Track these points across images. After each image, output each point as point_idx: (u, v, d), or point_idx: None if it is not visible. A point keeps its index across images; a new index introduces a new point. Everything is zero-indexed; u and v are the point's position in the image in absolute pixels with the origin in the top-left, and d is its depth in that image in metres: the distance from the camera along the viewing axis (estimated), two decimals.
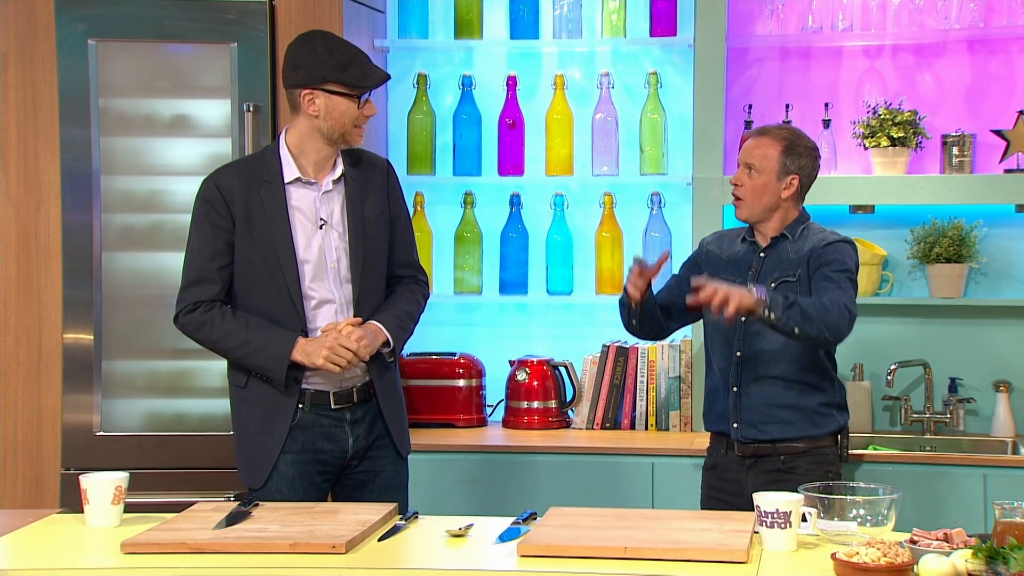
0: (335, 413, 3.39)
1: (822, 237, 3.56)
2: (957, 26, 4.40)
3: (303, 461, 3.38)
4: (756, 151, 3.56)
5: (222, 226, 3.33)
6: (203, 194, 3.37)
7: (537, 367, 4.54)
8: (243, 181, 3.35)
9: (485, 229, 4.69)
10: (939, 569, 2.50)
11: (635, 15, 4.64)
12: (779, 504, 2.76)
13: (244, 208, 3.33)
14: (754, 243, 3.62)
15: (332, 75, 3.29)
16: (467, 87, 4.65)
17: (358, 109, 3.33)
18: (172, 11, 4.06)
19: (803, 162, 3.55)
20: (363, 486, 3.46)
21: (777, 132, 3.60)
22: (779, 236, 3.58)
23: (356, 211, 3.40)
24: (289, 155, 3.37)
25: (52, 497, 4.08)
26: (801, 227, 3.58)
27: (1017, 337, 4.44)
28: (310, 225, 3.36)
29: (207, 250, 3.33)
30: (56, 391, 4.10)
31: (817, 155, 3.61)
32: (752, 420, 3.55)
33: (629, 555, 2.69)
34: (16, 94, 4.10)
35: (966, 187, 4.32)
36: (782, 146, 3.54)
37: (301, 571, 2.70)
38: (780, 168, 3.53)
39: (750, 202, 3.55)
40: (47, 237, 4.11)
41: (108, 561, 2.77)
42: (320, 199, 3.38)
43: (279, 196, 3.34)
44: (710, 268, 3.62)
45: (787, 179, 3.54)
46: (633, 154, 4.61)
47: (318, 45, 3.33)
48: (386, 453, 3.47)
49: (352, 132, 3.36)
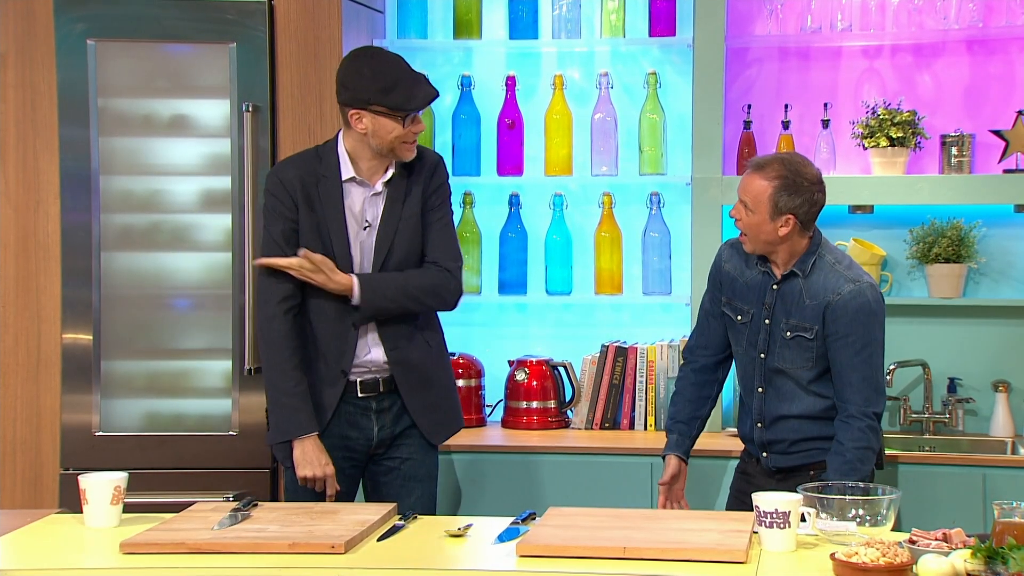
0: (361, 401, 3.51)
1: (835, 283, 3.38)
2: (956, 26, 4.40)
3: (331, 447, 3.48)
4: (750, 187, 3.37)
5: (288, 216, 3.45)
6: (268, 187, 3.51)
7: (536, 367, 4.53)
8: (303, 173, 3.48)
9: (484, 229, 4.69)
10: (938, 569, 2.50)
11: (634, 15, 4.64)
12: (778, 504, 2.76)
13: (305, 200, 3.45)
14: (767, 272, 3.48)
15: (376, 98, 3.38)
16: (466, 87, 4.65)
17: (403, 128, 3.41)
18: (171, 11, 4.06)
19: (798, 201, 3.34)
20: (390, 472, 3.56)
21: (772, 169, 3.36)
22: (790, 272, 3.44)
23: (394, 212, 3.49)
24: (346, 155, 3.48)
25: (51, 497, 4.08)
26: (812, 260, 3.43)
27: (1016, 337, 4.44)
28: (356, 225, 3.48)
29: (279, 240, 3.46)
30: (55, 391, 4.10)
31: (819, 187, 3.39)
32: (781, 451, 3.51)
33: (628, 555, 2.69)
34: (15, 94, 4.10)
35: (965, 187, 4.32)
36: (774, 186, 3.33)
37: (300, 571, 2.70)
38: (772, 209, 3.34)
39: (751, 237, 3.42)
40: (46, 237, 4.11)
41: (107, 561, 2.77)
42: (368, 200, 3.49)
43: (336, 192, 3.46)
44: (729, 291, 3.55)
45: (781, 219, 3.35)
46: (632, 154, 4.61)
47: (364, 67, 3.42)
48: (414, 442, 3.57)
49: (401, 148, 3.45)
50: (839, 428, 3.39)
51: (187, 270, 4.10)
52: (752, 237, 3.42)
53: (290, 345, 3.44)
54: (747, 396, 3.57)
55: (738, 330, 3.54)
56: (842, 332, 3.37)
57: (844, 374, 3.38)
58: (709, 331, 3.63)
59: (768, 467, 3.54)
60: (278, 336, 3.44)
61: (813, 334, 3.41)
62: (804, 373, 3.44)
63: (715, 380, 3.67)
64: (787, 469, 3.51)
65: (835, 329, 3.38)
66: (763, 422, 3.52)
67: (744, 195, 3.40)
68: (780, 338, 3.45)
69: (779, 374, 3.47)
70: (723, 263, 3.59)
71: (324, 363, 3.48)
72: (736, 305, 3.53)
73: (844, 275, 3.41)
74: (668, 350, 4.47)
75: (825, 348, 3.41)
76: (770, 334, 3.47)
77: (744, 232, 3.43)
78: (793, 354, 3.44)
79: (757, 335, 3.49)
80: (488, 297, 4.69)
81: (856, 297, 3.38)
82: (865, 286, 3.40)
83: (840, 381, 3.40)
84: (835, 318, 3.38)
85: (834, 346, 3.39)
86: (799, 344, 3.43)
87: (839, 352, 3.39)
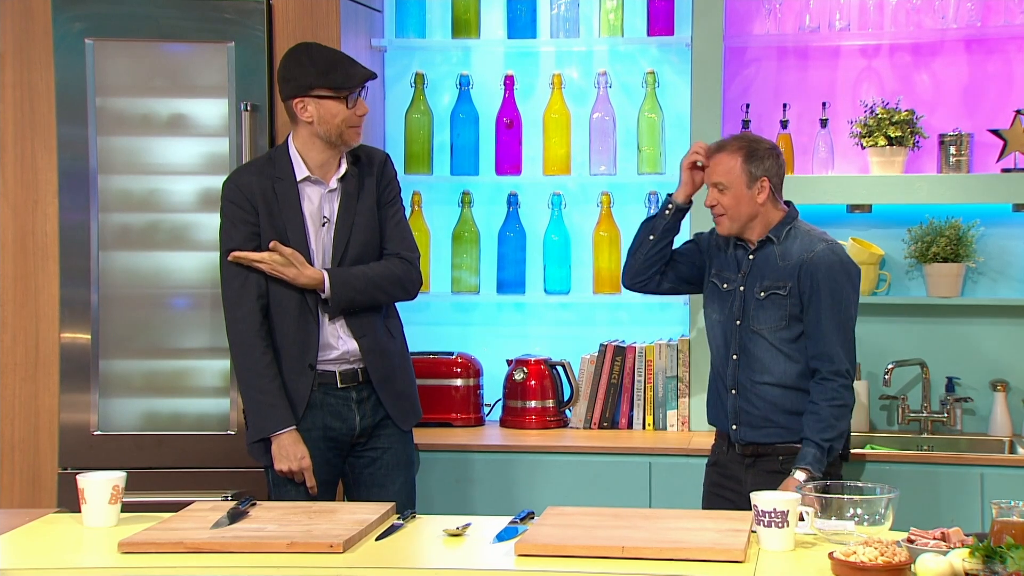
0: (341, 392, 3.57)
1: (809, 243, 3.57)
2: (954, 25, 4.40)
3: (315, 439, 3.55)
4: (719, 169, 3.59)
5: (249, 221, 3.52)
6: (226, 195, 3.56)
7: (535, 366, 4.53)
8: (260, 178, 3.54)
9: (482, 228, 4.69)
10: (936, 568, 2.50)
11: (632, 14, 4.64)
12: (776, 503, 2.76)
13: (264, 204, 3.52)
14: (743, 247, 3.66)
15: (317, 81, 3.48)
16: (464, 86, 4.65)
17: (348, 109, 3.49)
18: (169, 10, 4.06)
19: (767, 163, 3.57)
20: (372, 463, 3.62)
21: (733, 143, 3.61)
22: (765, 239, 3.61)
23: (349, 208, 3.56)
24: (298, 155, 3.55)
25: (49, 496, 4.08)
26: (787, 228, 3.61)
27: (1014, 336, 4.44)
28: (314, 223, 3.54)
29: (246, 245, 3.51)
30: (53, 390, 4.09)
31: (778, 152, 3.63)
32: (752, 423, 3.61)
33: (627, 554, 2.69)
34: (13, 93, 4.10)
35: (963, 186, 4.32)
36: (742, 155, 3.56)
37: (298, 570, 2.70)
38: (747, 177, 3.56)
39: (731, 215, 3.59)
40: (44, 236, 4.11)
41: (105, 560, 2.77)
42: (325, 197, 3.55)
43: (293, 193, 3.53)
44: (718, 262, 3.71)
45: (757, 184, 3.56)
46: (631, 153, 4.61)
47: (302, 56, 3.53)
48: (392, 432, 3.64)
49: (348, 132, 3.53)
50: (813, 388, 3.53)
51: (185, 269, 4.10)
52: (732, 214, 3.58)
53: (261, 344, 3.51)
54: (722, 366, 3.67)
55: (722, 297, 3.68)
56: (816, 287, 3.53)
57: (818, 331, 3.52)
58: None
59: (738, 441, 3.61)
60: (249, 335, 3.51)
61: (787, 291, 3.55)
62: (778, 333, 3.56)
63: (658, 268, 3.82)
64: (757, 447, 3.59)
65: (809, 284, 3.53)
66: (736, 388, 3.62)
67: (717, 178, 3.58)
68: (754, 300, 3.59)
69: (754, 338, 3.58)
70: (710, 237, 3.78)
71: (291, 357, 3.53)
72: (723, 275, 3.69)
73: (817, 237, 3.60)
74: (666, 349, 4.47)
75: (799, 308, 3.55)
76: (744, 299, 3.61)
77: (723, 213, 3.59)
78: (767, 314, 3.57)
79: (733, 303, 3.63)
80: (486, 296, 4.69)
81: (829, 255, 3.56)
82: (837, 247, 3.60)
83: (813, 338, 3.53)
84: (810, 273, 3.53)
85: (809, 303, 3.53)
86: (773, 303, 3.56)
87: (813, 308, 3.53)
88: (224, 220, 3.55)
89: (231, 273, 3.53)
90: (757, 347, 3.59)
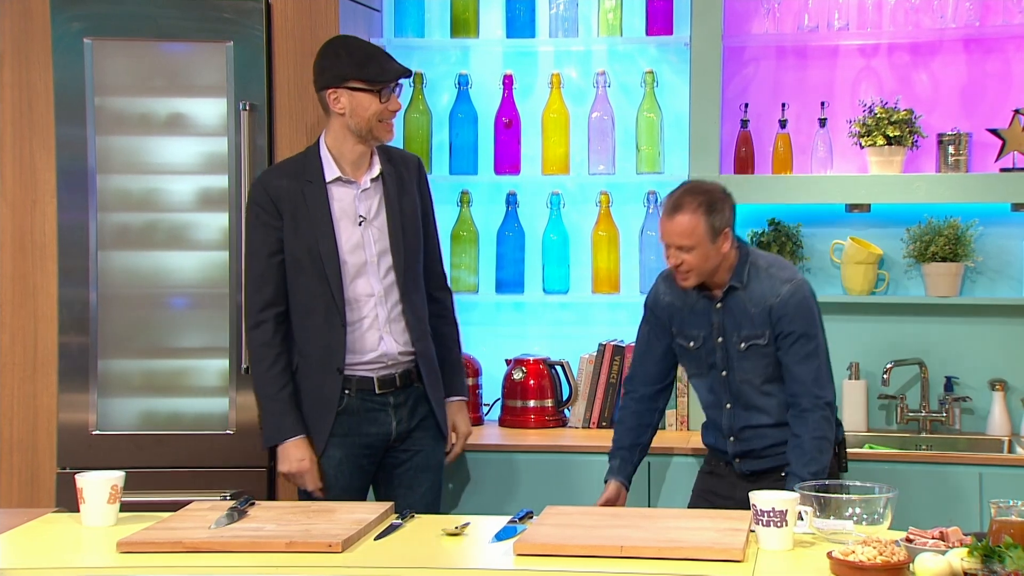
0: (379, 398, 3.58)
1: (771, 286, 3.48)
2: (953, 25, 4.40)
3: (349, 444, 3.57)
4: (680, 231, 3.42)
5: (272, 225, 3.54)
6: (252, 197, 3.60)
7: (533, 366, 4.54)
8: (288, 181, 3.56)
9: (481, 228, 4.68)
10: (935, 568, 2.50)
11: (631, 14, 4.64)
12: (775, 503, 2.77)
13: (291, 206, 3.53)
14: (707, 296, 3.55)
15: (352, 72, 3.50)
16: (463, 86, 4.65)
17: (380, 104, 3.51)
18: (168, 10, 4.05)
19: (726, 212, 3.45)
20: (401, 463, 3.64)
21: (690, 201, 3.42)
22: (730, 287, 3.51)
23: (394, 207, 3.59)
24: (329, 155, 3.56)
25: (48, 496, 4.07)
26: (747, 269, 3.51)
27: (1013, 336, 4.44)
28: (350, 222, 3.55)
29: (263, 250, 3.55)
30: (52, 390, 4.09)
31: (728, 193, 3.50)
32: (754, 456, 3.59)
33: (625, 554, 2.69)
34: (12, 93, 4.09)
35: (962, 186, 4.33)
36: (703, 212, 3.41)
37: (297, 570, 2.70)
38: (711, 232, 3.41)
39: (697, 272, 3.46)
40: (43, 236, 4.10)
41: (104, 560, 2.77)
42: (359, 197, 3.57)
43: (321, 195, 3.54)
44: (678, 322, 3.62)
45: (721, 236, 3.43)
46: (629, 153, 4.61)
47: (339, 48, 3.57)
48: (428, 434, 3.66)
49: (379, 127, 3.55)
50: (794, 422, 3.47)
51: (184, 269, 4.09)
52: (698, 271, 3.46)
53: (272, 352, 3.54)
54: (715, 414, 3.63)
55: (693, 356, 3.61)
56: (788, 330, 3.47)
57: (793, 370, 3.47)
58: (648, 361, 3.71)
59: (741, 471, 3.61)
60: (260, 343, 3.55)
61: (766, 339, 3.49)
62: (767, 381, 3.52)
63: (655, 409, 3.74)
64: (759, 471, 3.57)
65: (781, 328, 3.47)
66: (735, 435, 3.59)
67: (679, 240, 3.43)
68: (736, 352, 3.52)
69: (744, 386, 3.54)
70: (662, 296, 3.65)
71: (318, 362, 3.54)
72: (687, 333, 3.60)
73: (779, 276, 3.51)
74: None
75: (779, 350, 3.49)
76: (726, 350, 3.54)
77: (688, 270, 3.46)
78: (752, 364, 3.52)
79: (714, 355, 3.56)
80: (485, 296, 4.69)
81: (795, 294, 3.49)
82: (801, 283, 3.52)
83: (790, 377, 3.49)
84: (780, 317, 3.47)
85: (782, 345, 3.48)
86: (755, 353, 3.51)
87: (787, 350, 3.48)
88: (247, 222, 3.61)
89: (250, 278, 3.59)
90: (749, 394, 3.54)
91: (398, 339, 3.58)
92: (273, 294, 3.55)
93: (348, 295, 3.53)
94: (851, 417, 4.45)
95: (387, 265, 3.57)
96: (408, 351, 3.60)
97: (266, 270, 3.55)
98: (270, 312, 3.55)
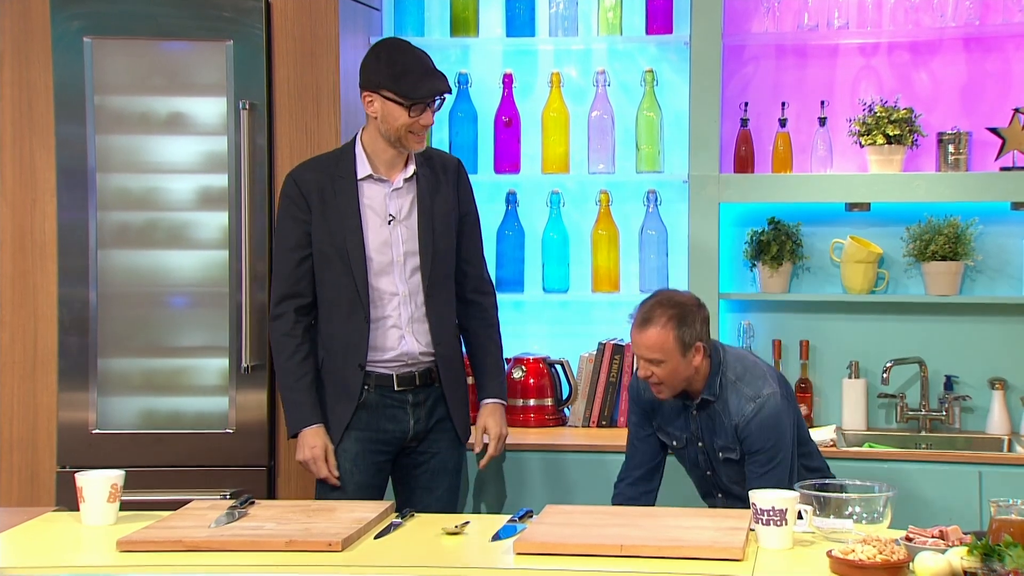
0: (398, 395, 3.59)
1: (738, 404, 3.43)
2: (953, 24, 4.40)
3: (366, 439, 3.57)
4: (650, 344, 3.39)
5: (301, 218, 3.56)
6: (284, 190, 3.62)
7: (533, 365, 4.53)
8: (319, 176, 3.57)
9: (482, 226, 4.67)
10: (935, 566, 2.50)
11: (631, 13, 4.63)
12: (775, 502, 2.77)
13: (320, 201, 3.54)
14: (687, 402, 3.53)
15: (385, 83, 3.49)
16: (463, 85, 4.65)
17: (410, 118, 3.49)
18: (168, 8, 4.05)
19: (698, 325, 3.42)
20: (419, 465, 3.64)
21: (660, 315, 3.40)
22: (703, 401, 3.48)
23: (426, 207, 3.59)
24: (364, 153, 3.57)
25: (48, 495, 4.08)
26: (718, 381, 3.47)
27: (1012, 335, 4.44)
28: (379, 220, 3.56)
29: (289, 242, 3.58)
30: (52, 389, 4.09)
31: (701, 304, 3.47)
32: None
33: (625, 553, 2.69)
34: (11, 92, 4.09)
35: (962, 185, 4.33)
36: (672, 326, 3.38)
37: (297, 569, 2.70)
38: (681, 348, 3.39)
39: (669, 386, 3.44)
40: (42, 235, 4.10)
41: (104, 559, 2.77)
42: (390, 196, 3.58)
43: (351, 191, 3.55)
44: (659, 418, 3.60)
45: (692, 350, 3.40)
46: (629, 152, 4.61)
47: (382, 52, 3.55)
48: (445, 436, 3.66)
49: (408, 138, 3.53)
50: None
51: (184, 268, 4.09)
52: (669, 385, 3.44)
53: (292, 342, 3.55)
54: (701, 482, 3.64)
55: (680, 453, 3.62)
56: (753, 449, 3.43)
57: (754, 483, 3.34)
58: (639, 453, 3.67)
59: None
60: (279, 334, 3.58)
61: (737, 455, 3.47)
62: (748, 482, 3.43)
63: (651, 489, 3.69)
64: None
65: (747, 447, 3.44)
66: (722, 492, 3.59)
67: (649, 354, 3.41)
68: (717, 459, 3.52)
69: (733, 485, 3.53)
70: (643, 393, 3.62)
71: (341, 357, 3.57)
72: (668, 431, 3.60)
73: (744, 394, 3.45)
74: None
75: None
76: (708, 455, 3.54)
77: (659, 383, 3.44)
78: (732, 470, 3.51)
79: (697, 457, 3.57)
80: None
81: (757, 413, 3.42)
82: (765, 399, 3.43)
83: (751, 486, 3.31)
84: (745, 437, 3.44)
85: (748, 461, 3.44)
86: (731, 465, 3.50)
87: (750, 467, 3.43)
88: (279, 213, 3.63)
89: (275, 269, 3.62)
90: (739, 492, 3.46)
91: (420, 339, 3.59)
92: (295, 286, 3.57)
93: (372, 292, 3.54)
94: (851, 416, 4.45)
95: (413, 265, 3.58)
96: (429, 352, 3.60)
97: (292, 262, 3.57)
98: (291, 304, 3.56)
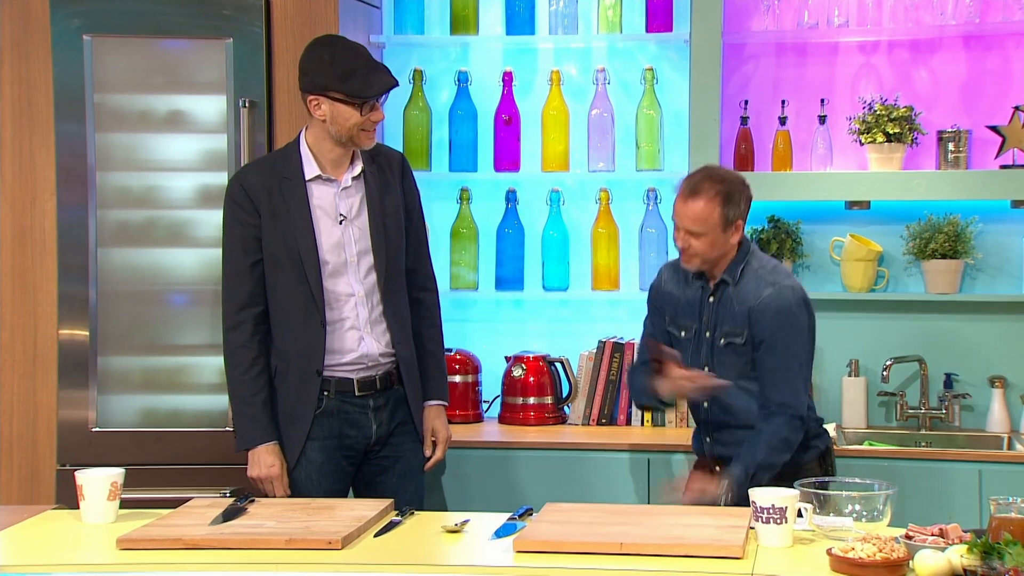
0: (359, 400, 3.51)
1: (756, 287, 3.44)
2: (953, 22, 4.40)
3: (329, 447, 3.49)
4: (694, 215, 3.40)
5: (249, 223, 3.45)
6: (230, 193, 3.50)
7: (533, 363, 4.53)
8: (266, 179, 3.47)
9: (481, 225, 4.68)
10: (934, 565, 2.50)
11: (631, 11, 4.63)
12: (775, 500, 2.77)
13: (268, 204, 3.45)
14: (704, 287, 3.55)
15: (334, 84, 3.37)
16: (463, 83, 4.65)
17: (361, 116, 3.40)
18: (167, 7, 4.05)
19: (743, 205, 3.43)
20: (384, 471, 3.58)
21: (709, 188, 3.40)
22: (721, 281, 3.49)
23: (376, 205, 3.51)
24: (309, 153, 3.48)
25: (48, 493, 4.08)
26: (741, 267, 3.48)
27: (1012, 333, 4.44)
28: (330, 221, 3.47)
29: (238, 248, 3.46)
30: (51, 387, 4.09)
31: (747, 184, 3.48)
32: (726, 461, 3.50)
33: (625, 551, 2.69)
34: (11, 90, 4.09)
35: (962, 183, 4.33)
36: (719, 201, 3.39)
37: (297, 567, 2.70)
38: (723, 222, 3.41)
39: (703, 257, 3.45)
40: (42, 233, 4.10)
41: (104, 557, 2.77)
42: (339, 195, 3.49)
43: (300, 193, 3.45)
44: (672, 310, 3.61)
45: (732, 227, 3.42)
46: (629, 150, 4.61)
47: (324, 53, 3.42)
48: (408, 439, 3.60)
49: (360, 136, 3.44)
50: (761, 421, 3.41)
51: (183, 266, 4.10)
52: (705, 256, 3.45)
53: (249, 355, 3.46)
54: (695, 411, 3.62)
55: (682, 346, 3.59)
56: (764, 335, 3.42)
57: (766, 376, 3.42)
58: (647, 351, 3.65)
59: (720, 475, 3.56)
60: (235, 345, 3.48)
61: (743, 339, 3.45)
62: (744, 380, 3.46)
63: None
64: None
65: (757, 332, 3.43)
66: (711, 436, 3.57)
67: (692, 225, 3.41)
68: (717, 348, 3.50)
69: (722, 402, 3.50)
70: (663, 284, 3.65)
71: (297, 364, 3.47)
72: (679, 322, 3.59)
73: (765, 279, 3.45)
74: None
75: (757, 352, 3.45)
76: (710, 346, 3.52)
77: (694, 254, 3.44)
78: (730, 361, 3.48)
79: (700, 348, 3.55)
80: (485, 293, 4.69)
81: (775, 300, 3.42)
82: (785, 289, 3.44)
83: (763, 382, 3.44)
84: (757, 321, 3.43)
85: (759, 349, 3.44)
86: (732, 351, 3.47)
87: (762, 355, 3.43)
88: (224, 218, 3.50)
89: (227, 277, 3.49)
90: (728, 393, 3.48)
91: (379, 340, 3.50)
92: (251, 294, 3.46)
93: (328, 295, 3.45)
94: (851, 414, 4.45)
95: (368, 265, 3.49)
96: (389, 352, 3.53)
97: (243, 269, 3.45)
98: (248, 313, 3.46)
